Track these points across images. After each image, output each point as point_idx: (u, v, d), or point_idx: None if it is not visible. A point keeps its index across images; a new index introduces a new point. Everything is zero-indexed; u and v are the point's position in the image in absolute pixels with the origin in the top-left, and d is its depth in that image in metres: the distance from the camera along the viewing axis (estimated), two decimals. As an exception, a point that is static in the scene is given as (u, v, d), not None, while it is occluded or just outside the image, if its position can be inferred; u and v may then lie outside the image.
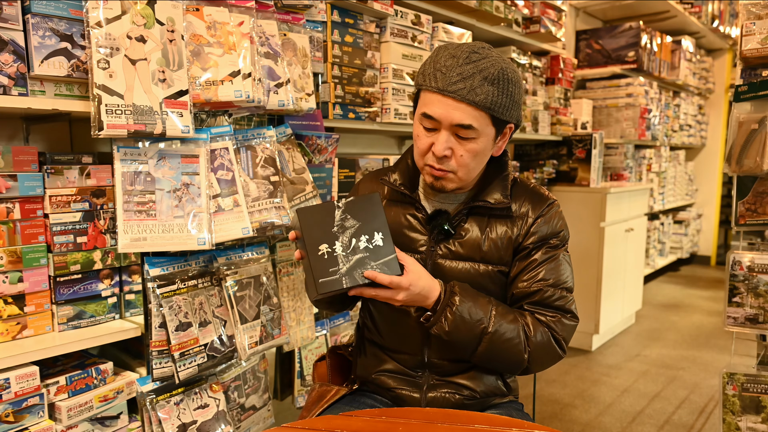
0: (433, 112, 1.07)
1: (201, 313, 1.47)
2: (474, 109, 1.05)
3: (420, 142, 1.12)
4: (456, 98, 1.04)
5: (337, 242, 1.02)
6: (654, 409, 2.64)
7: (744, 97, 1.70)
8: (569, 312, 1.16)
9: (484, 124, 1.08)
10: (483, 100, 1.05)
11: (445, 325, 1.08)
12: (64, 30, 1.29)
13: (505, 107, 1.08)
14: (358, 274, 1.02)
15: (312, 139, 1.80)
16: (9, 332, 1.36)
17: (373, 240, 1.03)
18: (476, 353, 1.11)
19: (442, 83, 1.05)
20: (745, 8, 1.68)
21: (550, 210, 1.19)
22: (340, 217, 1.03)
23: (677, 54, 4.75)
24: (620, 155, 4.01)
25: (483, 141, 1.10)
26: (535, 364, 1.14)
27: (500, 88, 1.06)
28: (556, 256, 1.17)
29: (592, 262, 3.33)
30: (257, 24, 1.54)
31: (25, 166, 1.36)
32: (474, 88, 1.04)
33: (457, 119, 1.06)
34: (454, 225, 1.18)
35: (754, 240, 1.80)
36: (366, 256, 1.03)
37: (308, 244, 1.01)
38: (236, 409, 1.61)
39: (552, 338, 1.14)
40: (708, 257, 6.05)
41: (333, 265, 1.02)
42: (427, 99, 1.09)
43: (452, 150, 1.09)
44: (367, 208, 1.04)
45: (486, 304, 1.11)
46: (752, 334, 1.79)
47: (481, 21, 2.68)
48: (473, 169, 1.13)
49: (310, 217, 1.02)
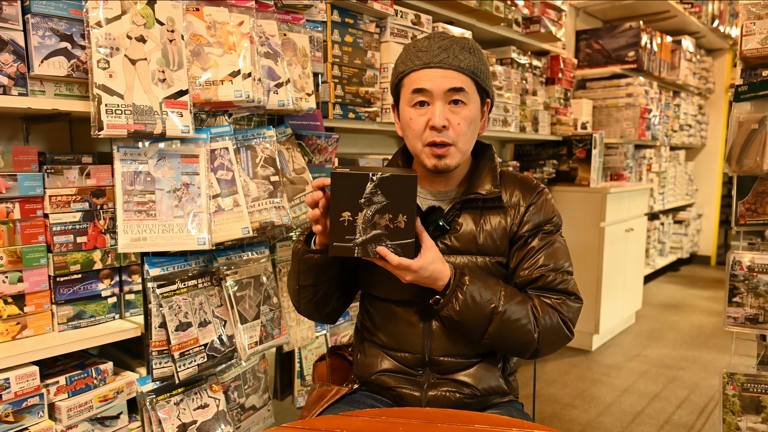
0: (425, 84, 1.12)
1: (201, 313, 1.47)
2: (460, 74, 1.13)
3: (414, 123, 1.15)
4: (443, 66, 1.12)
5: (360, 213, 1.03)
6: (654, 409, 2.64)
7: (744, 97, 1.70)
8: (573, 294, 1.19)
9: (472, 90, 1.15)
10: (467, 65, 1.13)
11: (455, 305, 1.10)
12: (64, 30, 1.29)
13: (484, 74, 1.17)
14: (371, 248, 1.04)
15: (312, 139, 1.80)
16: (9, 332, 1.36)
17: (396, 221, 1.04)
18: (487, 334, 1.12)
19: (426, 58, 1.13)
20: (745, 8, 1.68)
21: (540, 197, 1.22)
22: (371, 190, 1.03)
23: (677, 54, 4.75)
24: (620, 155, 4.02)
25: (473, 108, 1.16)
26: (545, 346, 1.15)
27: (476, 56, 1.16)
28: (553, 241, 1.20)
29: (592, 262, 3.33)
30: (257, 24, 1.54)
31: (25, 166, 1.36)
32: (456, 55, 1.13)
33: (449, 84, 1.12)
34: (449, 220, 1.19)
35: (754, 240, 1.80)
36: (384, 234, 1.04)
37: (332, 208, 1.03)
38: (236, 409, 1.61)
39: (560, 319, 1.15)
40: (708, 257, 6.05)
41: (350, 233, 1.04)
42: (413, 78, 1.14)
43: (448, 120, 1.13)
44: (400, 188, 1.03)
45: (495, 285, 1.13)
46: (752, 334, 1.79)
47: (481, 21, 2.68)
48: (470, 139, 1.18)
49: (342, 182, 1.03)
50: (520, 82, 3.04)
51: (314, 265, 1.17)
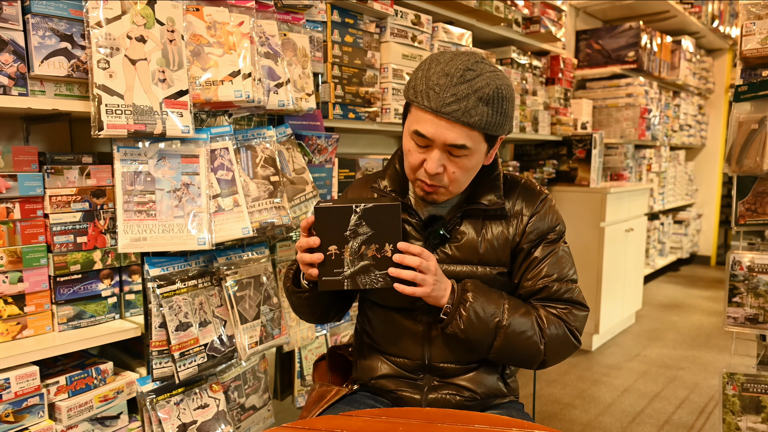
0: (426, 131, 1.04)
1: (201, 313, 1.47)
2: (468, 130, 1.03)
3: (411, 157, 1.10)
4: (450, 119, 1.02)
5: (346, 246, 1.04)
6: (654, 409, 2.64)
7: (744, 97, 1.70)
8: (578, 303, 1.17)
9: (478, 142, 1.06)
10: (478, 121, 1.02)
11: (460, 323, 1.09)
12: (64, 30, 1.29)
13: (498, 125, 1.06)
14: (360, 279, 1.05)
15: (312, 139, 1.80)
16: (9, 332, 1.36)
17: (382, 250, 1.05)
18: (493, 348, 1.11)
19: (435, 104, 1.02)
20: (745, 8, 1.68)
21: (544, 206, 1.20)
22: (355, 222, 1.04)
23: (677, 54, 4.75)
24: (620, 155, 4.01)
25: (476, 157, 1.09)
26: (552, 356, 1.14)
27: (495, 107, 1.03)
28: (556, 250, 1.18)
29: (592, 262, 3.33)
30: (257, 24, 1.54)
31: (25, 166, 1.36)
32: (469, 110, 1.01)
33: (451, 140, 1.04)
34: (450, 229, 1.17)
35: (754, 240, 1.80)
36: (372, 264, 1.05)
37: (320, 242, 1.04)
38: (236, 409, 1.61)
39: (566, 329, 1.14)
40: (708, 257, 6.05)
41: (338, 266, 1.04)
42: (419, 117, 1.06)
43: (444, 167, 1.08)
44: (384, 217, 1.04)
45: (498, 298, 1.12)
46: (752, 334, 1.79)
47: (481, 21, 2.68)
48: (465, 182, 1.13)
49: (326, 216, 1.04)
50: (520, 82, 3.04)
51: (306, 300, 1.20)
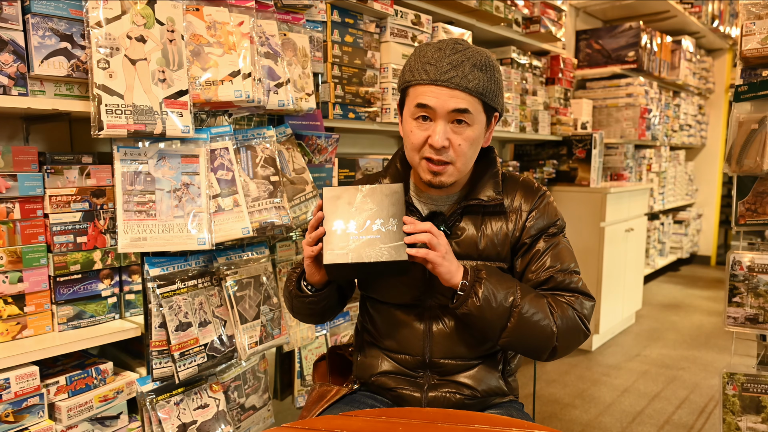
0: (429, 101, 1.08)
1: (201, 313, 1.47)
2: (468, 95, 1.08)
3: (414, 136, 1.12)
4: (450, 86, 1.07)
5: (352, 221, 1.08)
6: (654, 409, 2.64)
7: (744, 97, 1.70)
8: (583, 292, 1.18)
9: (478, 111, 1.10)
10: (475, 85, 1.08)
11: (476, 300, 1.08)
12: (64, 30, 1.29)
13: (494, 93, 1.12)
14: (365, 252, 1.06)
15: (312, 139, 1.80)
16: (9, 332, 1.36)
17: (387, 225, 1.07)
18: (506, 330, 1.10)
19: (433, 74, 1.07)
20: (745, 8, 1.68)
21: (542, 201, 1.21)
22: (360, 200, 1.09)
23: (677, 54, 4.75)
24: (620, 155, 4.01)
25: (477, 128, 1.12)
26: (563, 342, 1.13)
27: (488, 74, 1.10)
28: (557, 242, 1.19)
29: (592, 262, 3.33)
30: (257, 24, 1.54)
31: (25, 166, 1.36)
32: (466, 75, 1.07)
33: (453, 105, 1.07)
34: (450, 225, 1.18)
35: (754, 240, 1.80)
36: (377, 238, 1.07)
37: (325, 221, 1.09)
38: (236, 409, 1.61)
39: (576, 316, 1.14)
40: (708, 257, 6.05)
41: (343, 242, 1.07)
42: (419, 91, 1.10)
43: (449, 140, 1.10)
44: (389, 196, 1.09)
45: (510, 281, 1.13)
46: (752, 334, 1.79)
47: (481, 21, 2.68)
48: (470, 159, 1.15)
49: (333, 195, 1.10)
50: (520, 82, 3.04)
51: (307, 303, 1.21)
